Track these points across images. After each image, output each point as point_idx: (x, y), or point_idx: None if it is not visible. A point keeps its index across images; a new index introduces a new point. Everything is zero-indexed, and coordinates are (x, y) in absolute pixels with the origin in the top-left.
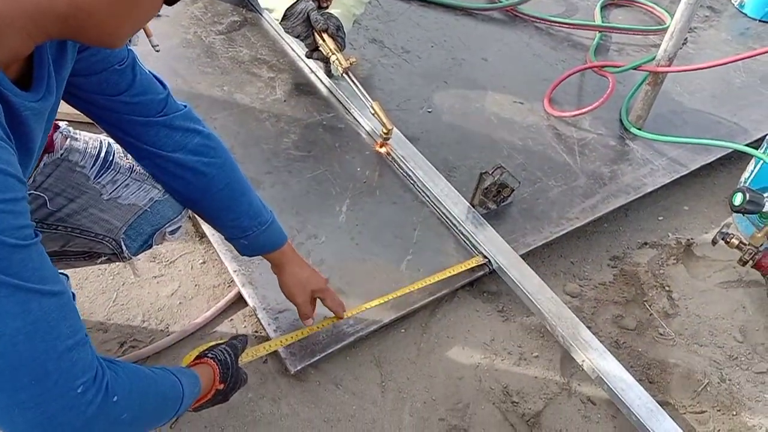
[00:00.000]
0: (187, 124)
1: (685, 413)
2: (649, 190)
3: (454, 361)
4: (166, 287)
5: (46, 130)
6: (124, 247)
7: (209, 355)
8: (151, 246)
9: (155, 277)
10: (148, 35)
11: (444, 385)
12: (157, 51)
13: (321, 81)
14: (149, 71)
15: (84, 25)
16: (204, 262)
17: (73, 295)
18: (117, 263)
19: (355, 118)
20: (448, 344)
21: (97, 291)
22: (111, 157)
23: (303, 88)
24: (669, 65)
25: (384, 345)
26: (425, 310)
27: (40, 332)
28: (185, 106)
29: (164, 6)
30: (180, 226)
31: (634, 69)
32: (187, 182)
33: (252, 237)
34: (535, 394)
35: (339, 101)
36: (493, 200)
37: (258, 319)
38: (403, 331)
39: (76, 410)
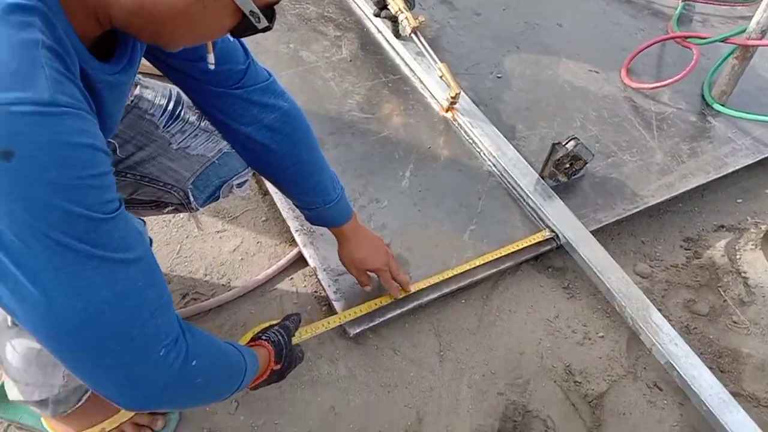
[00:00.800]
0: (266, 98)
1: (757, 406)
2: (729, 170)
3: (515, 335)
4: (228, 242)
5: (122, 102)
6: (191, 198)
7: (263, 337)
8: (218, 198)
9: (218, 231)
10: None
11: (504, 360)
12: None
13: (387, 41)
14: (235, 39)
15: (145, 25)
16: (266, 220)
17: (151, 240)
18: (182, 215)
19: (421, 80)
20: (509, 318)
21: (162, 242)
22: (180, 107)
23: (369, 48)
24: (761, 38)
25: (443, 314)
26: (487, 281)
27: (126, 301)
28: (268, 77)
29: None
30: (247, 180)
31: (722, 41)
32: (256, 155)
33: (315, 211)
34: (599, 375)
35: (405, 63)
36: (565, 173)
37: (318, 279)
38: (463, 301)
39: (158, 372)
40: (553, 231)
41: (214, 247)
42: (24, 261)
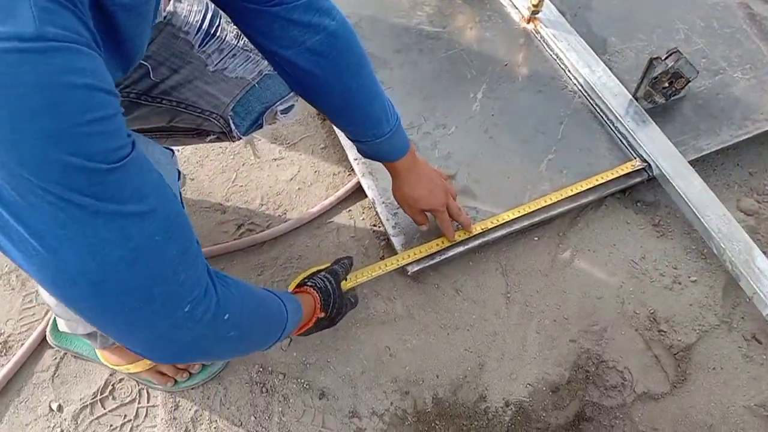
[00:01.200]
0: (309, 17)
1: None
2: None
3: (593, 277)
4: (285, 171)
5: (144, 24)
6: (232, 126)
7: (309, 283)
8: (261, 126)
9: (275, 159)
10: None
11: (579, 304)
12: None
13: None
14: None
15: None
16: (325, 147)
17: (179, 173)
18: (236, 143)
19: None
20: (588, 258)
21: (217, 170)
22: (217, 24)
23: None
24: None
25: (512, 252)
26: (564, 217)
27: (143, 258)
28: None
29: None
30: (293, 105)
31: None
32: (299, 81)
33: (366, 144)
34: (688, 324)
35: None
36: (663, 93)
37: (377, 212)
38: (536, 239)
39: (185, 328)
40: (644, 161)
41: (270, 175)
42: (27, 218)
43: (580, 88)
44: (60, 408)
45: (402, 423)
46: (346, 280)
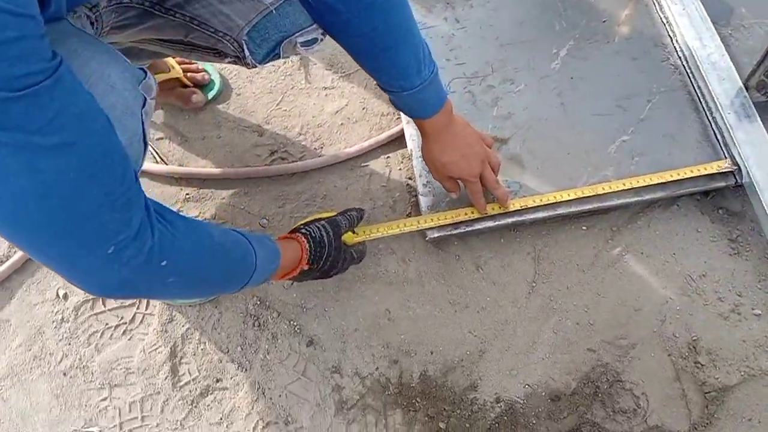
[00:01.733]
0: None
1: None
2: None
3: (637, 285)
4: (333, 102)
5: None
6: (246, 52)
7: (303, 230)
8: (279, 56)
9: (326, 88)
10: None
11: (611, 311)
12: None
13: None
14: None
15: None
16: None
17: (145, 100)
18: (293, 60)
19: None
20: (638, 262)
21: (265, 89)
22: None
23: None
24: None
25: (552, 238)
26: (624, 210)
27: (54, 194)
28: None
29: None
30: (316, 38)
31: None
32: (320, 14)
33: (394, 95)
34: (734, 363)
35: None
36: None
37: (412, 166)
38: (584, 228)
39: (110, 268)
40: (735, 163)
41: (317, 104)
42: None
43: (684, 62)
44: (66, 296)
45: (382, 391)
46: (354, 232)
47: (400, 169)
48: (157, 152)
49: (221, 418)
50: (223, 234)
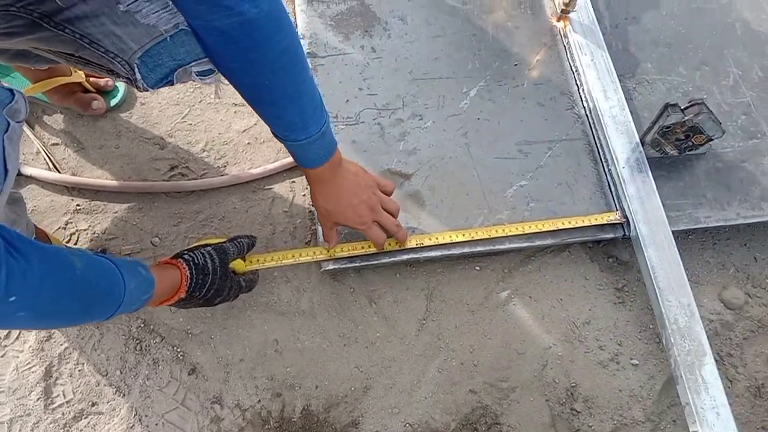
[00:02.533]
0: None
1: None
2: None
3: (523, 329)
4: (242, 120)
5: None
6: (138, 75)
7: (186, 256)
8: (172, 83)
9: (236, 104)
10: None
11: (496, 354)
12: None
13: None
14: None
15: None
16: None
17: (8, 124)
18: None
19: None
20: (526, 306)
21: (171, 101)
22: None
23: None
24: None
25: (446, 277)
26: (518, 253)
27: None
28: None
29: None
30: (212, 69)
31: None
32: (209, 54)
33: (280, 140)
34: (609, 411)
35: None
36: (675, 145)
37: None
38: (477, 269)
39: None
40: (625, 216)
41: (224, 121)
42: None
43: (587, 113)
44: None
45: (262, 425)
46: (244, 260)
47: (304, 194)
48: (50, 158)
49: None
50: (89, 265)
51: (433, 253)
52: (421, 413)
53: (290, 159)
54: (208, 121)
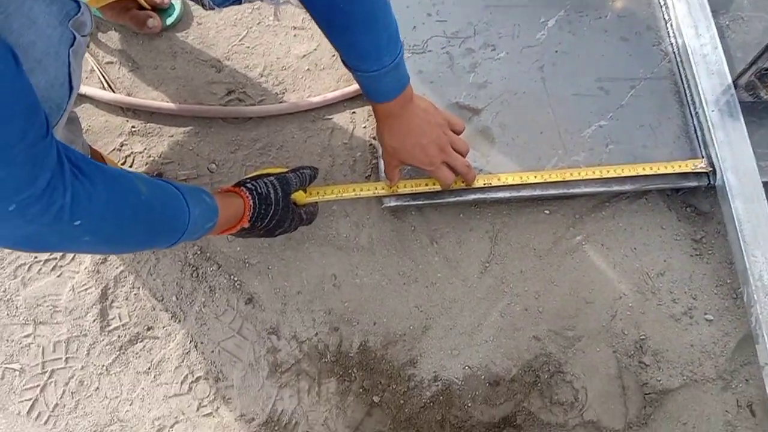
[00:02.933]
0: None
1: None
2: None
3: (592, 277)
4: (301, 45)
5: None
6: None
7: (248, 185)
8: (240, 1)
9: (295, 28)
10: None
11: (562, 301)
12: None
13: None
14: None
15: None
16: None
17: (74, 37)
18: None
19: None
20: (597, 253)
21: (228, 21)
22: None
23: None
24: None
25: (513, 219)
26: (591, 198)
27: None
28: None
29: None
30: None
31: None
32: None
33: (350, 70)
34: (679, 366)
35: None
36: None
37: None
38: (546, 212)
39: (9, 225)
40: (711, 164)
41: (283, 45)
42: None
43: (674, 50)
44: None
45: (319, 358)
46: (305, 191)
47: (365, 126)
48: (105, 77)
49: (149, 368)
50: (155, 190)
51: (500, 194)
52: (482, 357)
53: (351, 88)
54: (267, 44)
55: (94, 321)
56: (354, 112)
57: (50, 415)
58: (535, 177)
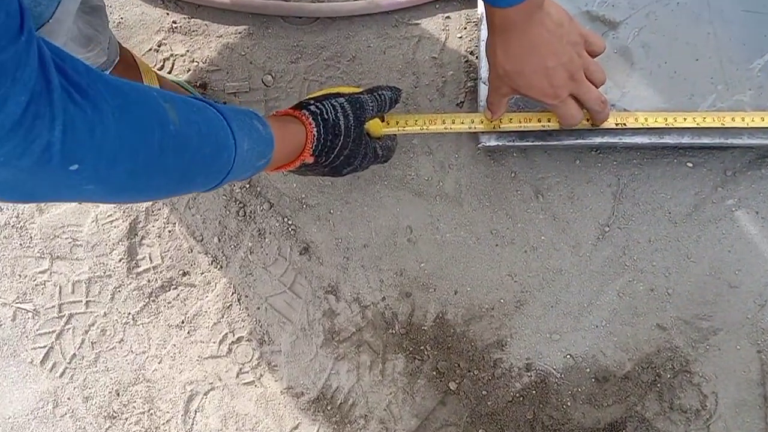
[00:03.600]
0: None
1: None
2: None
3: (741, 253)
4: None
5: None
6: None
7: (312, 107)
8: None
9: None
10: None
11: (700, 283)
12: None
13: None
14: None
15: None
16: None
17: None
18: None
19: None
20: (751, 223)
21: None
22: None
23: None
24: None
25: (644, 172)
26: (748, 150)
27: None
28: None
29: None
30: None
31: None
32: None
33: None
34: None
35: None
36: None
37: (479, 36)
38: (690, 165)
39: None
40: None
41: None
42: None
43: None
44: None
45: (386, 328)
46: (382, 120)
47: (461, 36)
48: None
49: (183, 321)
50: (191, 117)
51: (636, 139)
52: (589, 345)
53: None
54: None
55: (120, 260)
56: (448, 17)
57: (66, 366)
58: (685, 119)
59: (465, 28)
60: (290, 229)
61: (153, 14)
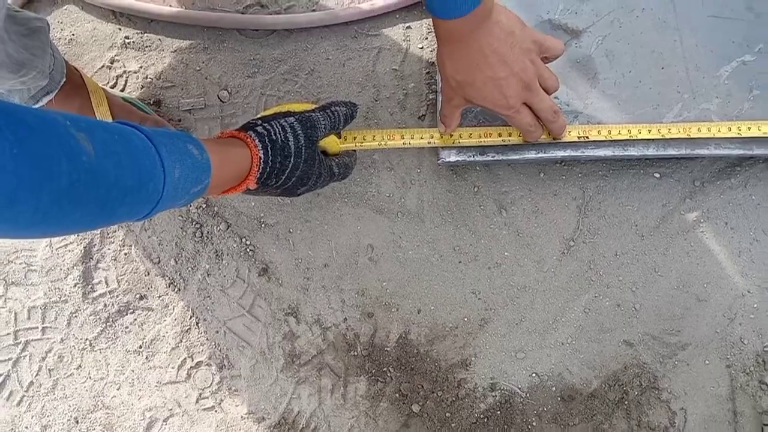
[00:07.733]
0: None
1: None
2: None
3: (710, 266)
4: None
5: None
6: None
7: (259, 128)
8: None
9: None
10: None
11: (668, 297)
12: None
13: None
14: None
15: None
16: None
17: None
18: None
19: None
20: (719, 235)
21: None
22: None
23: None
24: None
25: (611, 184)
26: (716, 160)
27: None
28: None
29: None
30: None
31: None
32: None
33: None
34: None
35: None
36: None
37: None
38: (657, 176)
39: None
40: None
41: None
42: None
43: None
44: None
45: (346, 351)
46: (339, 136)
47: (421, 47)
48: None
49: (141, 346)
50: (109, 146)
51: (600, 152)
52: (554, 362)
53: None
54: None
55: (75, 285)
56: (409, 27)
57: (24, 394)
58: (650, 131)
59: (426, 38)
60: (248, 250)
61: (105, 30)
